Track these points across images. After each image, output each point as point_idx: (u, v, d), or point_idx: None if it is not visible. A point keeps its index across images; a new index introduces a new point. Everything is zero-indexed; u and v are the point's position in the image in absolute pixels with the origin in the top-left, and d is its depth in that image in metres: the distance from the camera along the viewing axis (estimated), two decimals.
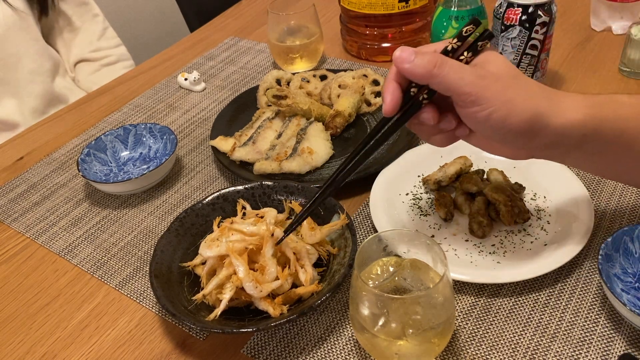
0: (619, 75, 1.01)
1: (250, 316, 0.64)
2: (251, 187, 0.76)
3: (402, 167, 0.83)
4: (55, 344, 0.68)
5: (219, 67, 1.17)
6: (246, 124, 0.95)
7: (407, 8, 1.06)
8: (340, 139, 0.92)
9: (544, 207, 0.76)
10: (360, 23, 1.11)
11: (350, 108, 0.92)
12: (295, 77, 1.04)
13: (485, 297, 0.67)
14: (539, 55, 0.90)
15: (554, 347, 0.61)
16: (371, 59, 1.14)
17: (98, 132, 1.03)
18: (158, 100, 1.09)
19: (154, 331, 0.68)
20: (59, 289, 0.74)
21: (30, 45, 1.22)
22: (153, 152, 0.93)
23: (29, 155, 0.99)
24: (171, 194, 0.87)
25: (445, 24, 0.93)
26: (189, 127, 1.01)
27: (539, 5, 0.86)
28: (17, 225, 0.84)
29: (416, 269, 0.58)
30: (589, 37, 1.13)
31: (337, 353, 0.63)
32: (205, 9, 1.60)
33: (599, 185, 0.80)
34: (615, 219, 0.75)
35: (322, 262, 0.68)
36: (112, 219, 0.84)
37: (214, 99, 1.08)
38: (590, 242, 0.71)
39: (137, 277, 0.75)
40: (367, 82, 1.00)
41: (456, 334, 0.63)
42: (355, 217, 0.80)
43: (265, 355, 0.64)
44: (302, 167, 0.84)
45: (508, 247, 0.71)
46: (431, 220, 0.77)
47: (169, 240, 0.71)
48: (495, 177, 0.78)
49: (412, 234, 0.58)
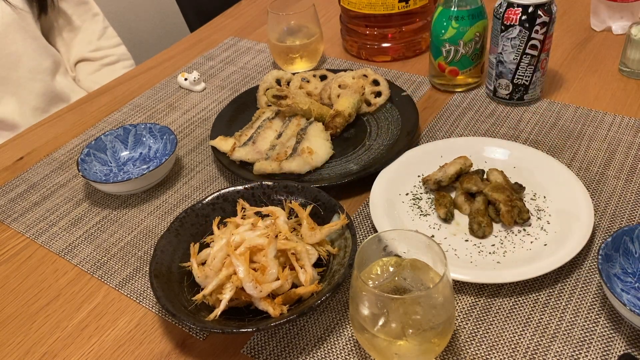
0: (619, 75, 1.01)
1: (250, 316, 0.64)
2: (251, 187, 0.76)
3: (402, 167, 0.83)
4: (55, 344, 0.68)
5: (219, 67, 1.17)
6: (246, 124, 0.95)
7: (407, 8, 1.06)
8: (340, 139, 0.92)
9: (544, 207, 0.76)
10: (360, 23, 1.11)
11: (350, 108, 0.92)
12: (295, 77, 1.04)
13: (485, 297, 0.67)
14: (539, 55, 0.90)
15: (554, 347, 0.61)
16: (371, 59, 1.14)
17: (98, 132, 1.03)
18: (158, 100, 1.09)
19: (154, 331, 0.68)
20: (59, 289, 0.74)
21: (29, 43, 1.22)
22: (153, 152, 0.93)
23: (29, 155, 0.99)
24: (171, 194, 0.87)
25: (445, 24, 0.93)
26: (189, 127, 1.01)
27: (539, 5, 0.86)
28: (17, 225, 0.84)
29: (416, 269, 0.58)
30: (589, 37, 1.13)
31: (337, 353, 0.63)
32: (205, 9, 1.60)
33: (599, 185, 0.80)
34: (615, 219, 0.75)
35: (322, 262, 0.68)
36: (112, 219, 0.84)
37: (214, 99, 1.08)
38: (590, 242, 0.71)
39: (137, 277, 0.75)
40: (367, 82, 1.00)
41: (456, 334, 0.63)
42: (355, 217, 0.80)
43: (265, 355, 0.64)
44: (302, 167, 0.84)
45: (508, 247, 0.71)
46: (431, 220, 0.76)
47: (169, 240, 0.71)
48: (495, 177, 0.78)
49: (412, 234, 0.58)
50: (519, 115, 0.95)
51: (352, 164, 0.86)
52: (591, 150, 0.86)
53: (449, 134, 0.92)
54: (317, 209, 0.72)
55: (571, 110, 0.94)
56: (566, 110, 0.95)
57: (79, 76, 1.36)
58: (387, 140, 0.90)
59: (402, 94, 0.97)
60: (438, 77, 1.01)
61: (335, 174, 0.84)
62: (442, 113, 0.97)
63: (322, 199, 0.73)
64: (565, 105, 0.96)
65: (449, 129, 0.93)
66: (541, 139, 0.89)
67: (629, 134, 0.88)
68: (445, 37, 0.94)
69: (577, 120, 0.92)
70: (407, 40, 1.11)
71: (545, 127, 0.92)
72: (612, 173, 0.82)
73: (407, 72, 1.09)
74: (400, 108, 0.95)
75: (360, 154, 0.88)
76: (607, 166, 0.83)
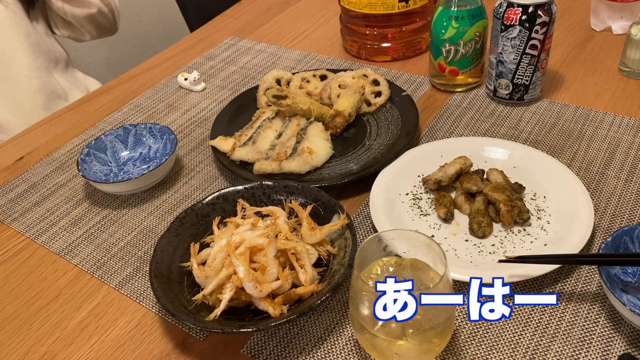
0: (619, 75, 1.01)
1: (250, 316, 0.64)
2: (251, 187, 0.76)
3: (402, 167, 0.83)
4: (55, 344, 0.68)
5: (219, 67, 1.17)
6: (246, 124, 0.95)
7: (407, 8, 1.06)
8: (340, 139, 0.92)
9: (544, 207, 0.76)
10: (360, 23, 1.11)
11: (350, 108, 0.92)
12: (295, 77, 1.04)
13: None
14: (539, 55, 0.90)
15: (554, 347, 0.61)
16: (371, 59, 1.14)
17: (98, 132, 1.03)
18: (158, 100, 1.09)
19: (154, 331, 0.68)
20: (59, 289, 0.74)
21: (22, 40, 1.21)
22: (153, 152, 0.93)
23: (29, 155, 0.99)
24: (171, 194, 0.87)
25: (445, 24, 0.93)
26: (189, 127, 1.01)
27: (539, 5, 0.86)
28: (17, 225, 0.84)
29: (416, 269, 0.58)
30: (589, 37, 1.13)
31: (337, 353, 0.63)
32: (205, 9, 1.60)
33: (599, 185, 0.80)
34: (615, 219, 0.75)
35: (322, 262, 0.68)
36: (112, 219, 0.84)
37: (214, 99, 1.08)
38: (590, 242, 0.71)
39: (137, 277, 0.75)
40: (367, 82, 1.00)
41: (456, 334, 0.63)
42: (355, 217, 0.80)
43: (265, 355, 0.64)
44: (302, 167, 0.84)
45: (508, 247, 0.71)
46: (431, 220, 0.76)
47: (169, 240, 0.71)
48: (495, 177, 0.78)
49: (412, 234, 0.58)
50: (519, 115, 0.95)
51: (352, 164, 0.86)
52: (591, 150, 0.86)
53: (449, 134, 0.92)
54: (317, 209, 0.72)
55: (571, 110, 0.94)
56: (566, 110, 0.95)
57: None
58: (387, 140, 0.90)
59: (402, 94, 0.97)
60: (438, 77, 1.01)
61: (335, 174, 0.84)
62: (442, 113, 0.97)
63: (322, 199, 0.73)
64: (565, 105, 0.96)
65: (449, 129, 0.93)
66: (541, 139, 0.89)
67: (629, 134, 0.88)
68: (445, 37, 0.94)
69: (577, 120, 0.92)
70: (407, 40, 1.11)
71: (545, 127, 0.91)
72: (612, 173, 0.82)
73: (407, 72, 1.09)
74: (400, 108, 0.95)
75: (360, 154, 0.88)
76: (607, 166, 0.83)
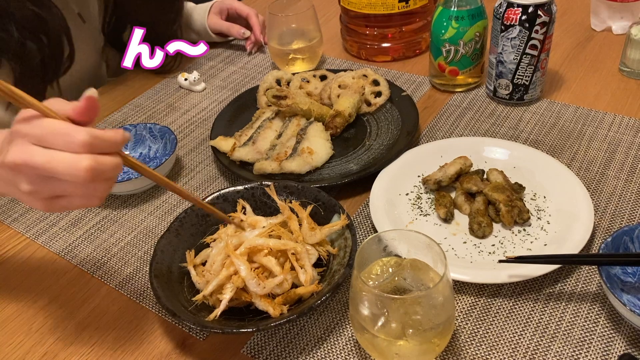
0: (619, 75, 1.01)
1: (250, 316, 0.64)
2: (251, 187, 0.76)
3: (402, 167, 0.83)
4: (55, 344, 0.68)
5: (219, 67, 1.17)
6: (246, 124, 0.95)
7: (407, 8, 1.06)
8: (340, 139, 0.92)
9: (544, 207, 0.76)
10: (360, 23, 1.11)
11: (350, 108, 0.92)
12: (295, 77, 1.04)
13: (485, 297, 0.67)
14: (539, 55, 0.90)
15: (554, 347, 0.61)
16: (371, 59, 1.14)
17: None
18: (158, 100, 1.09)
19: (154, 331, 0.68)
20: (59, 289, 0.74)
21: None
22: (153, 152, 0.93)
23: None
24: (171, 194, 0.87)
25: (445, 24, 0.93)
26: (189, 127, 1.01)
27: (539, 5, 0.86)
28: (17, 225, 0.84)
29: (416, 269, 0.58)
30: (589, 37, 1.13)
31: (337, 353, 0.63)
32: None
33: (599, 185, 0.80)
34: (615, 219, 0.75)
35: (322, 262, 0.68)
36: (112, 219, 0.84)
37: (214, 99, 1.08)
38: (590, 242, 0.71)
39: (137, 277, 0.75)
40: (367, 82, 1.00)
41: (456, 334, 0.63)
42: (355, 217, 0.80)
43: (265, 355, 0.64)
44: (302, 167, 0.84)
45: (508, 247, 0.71)
46: (431, 220, 0.76)
47: (169, 240, 0.71)
48: (495, 177, 0.78)
49: (412, 234, 0.58)
50: (519, 115, 0.95)
51: (352, 164, 0.86)
52: (591, 150, 0.86)
53: (449, 134, 0.92)
54: (317, 209, 0.72)
55: (571, 110, 0.94)
56: (566, 110, 0.95)
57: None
58: (387, 140, 0.90)
59: (402, 94, 0.97)
60: (438, 77, 1.01)
61: (335, 174, 0.84)
62: (442, 113, 0.97)
63: (322, 199, 0.73)
64: (565, 105, 0.96)
65: (449, 129, 0.93)
66: (541, 139, 0.89)
67: (629, 134, 0.88)
68: (445, 37, 0.94)
69: (577, 120, 0.92)
70: (407, 40, 1.11)
71: (545, 127, 0.91)
72: (612, 173, 0.82)
73: (407, 72, 1.09)
74: (400, 108, 0.95)
75: (360, 154, 0.88)
76: (607, 166, 0.83)
